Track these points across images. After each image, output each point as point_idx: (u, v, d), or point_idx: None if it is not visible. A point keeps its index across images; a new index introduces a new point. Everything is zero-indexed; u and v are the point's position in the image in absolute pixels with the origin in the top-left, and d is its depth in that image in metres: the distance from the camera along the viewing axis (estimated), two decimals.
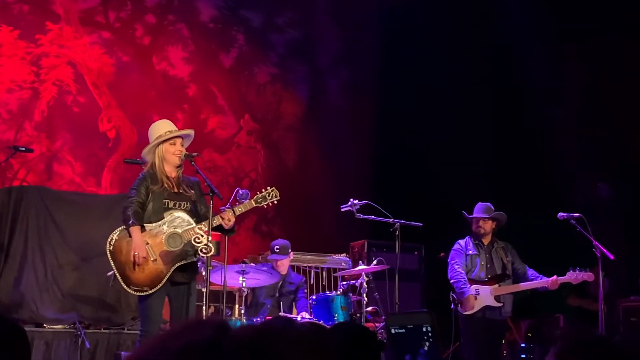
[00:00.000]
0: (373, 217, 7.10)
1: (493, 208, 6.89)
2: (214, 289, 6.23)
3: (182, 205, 5.30)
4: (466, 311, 6.65)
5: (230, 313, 6.30)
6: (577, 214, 6.61)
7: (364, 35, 10.64)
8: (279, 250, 7.07)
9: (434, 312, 6.14)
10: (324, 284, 8.24)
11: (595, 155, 8.83)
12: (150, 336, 4.74)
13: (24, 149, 7.15)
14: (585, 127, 8.93)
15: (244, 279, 6.35)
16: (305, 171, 10.29)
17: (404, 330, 5.74)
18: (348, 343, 2.96)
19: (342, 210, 7.06)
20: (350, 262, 8.30)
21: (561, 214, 6.69)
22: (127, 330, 7.01)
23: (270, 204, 5.53)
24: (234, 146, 10.01)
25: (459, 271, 6.74)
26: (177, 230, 5.21)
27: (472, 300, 6.64)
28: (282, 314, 6.73)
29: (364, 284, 6.71)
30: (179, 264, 5.20)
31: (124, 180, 8.62)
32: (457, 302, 6.71)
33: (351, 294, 6.83)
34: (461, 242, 6.92)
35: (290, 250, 7.19)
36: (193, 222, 5.24)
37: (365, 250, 8.33)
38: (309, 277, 8.17)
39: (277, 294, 7.08)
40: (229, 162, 9.94)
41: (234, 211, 5.32)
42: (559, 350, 1.65)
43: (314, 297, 6.86)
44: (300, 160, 10.39)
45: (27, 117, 8.71)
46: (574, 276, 6.64)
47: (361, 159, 10.24)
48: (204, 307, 5.52)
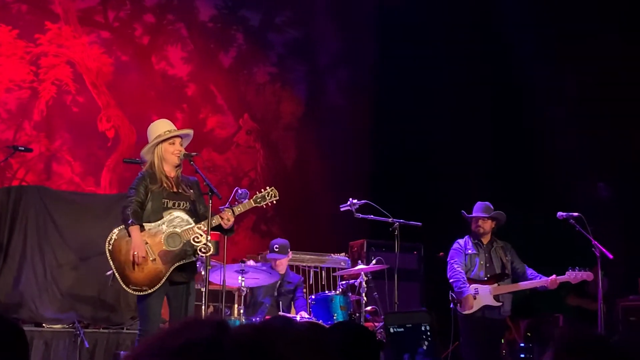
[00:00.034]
0: (372, 216, 7.10)
1: (492, 207, 6.89)
2: (213, 289, 6.22)
3: (181, 205, 5.29)
4: (465, 310, 6.65)
5: (229, 312, 6.31)
6: (577, 214, 6.62)
7: (363, 35, 10.63)
8: (278, 250, 7.07)
9: (433, 311, 6.13)
10: (323, 283, 8.23)
11: (595, 155, 8.82)
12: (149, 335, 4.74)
13: (23, 148, 7.13)
14: (585, 127, 8.91)
15: (243, 279, 6.36)
16: (305, 171, 10.28)
17: (402, 329, 5.72)
18: (347, 342, 2.96)
19: (342, 209, 7.05)
20: (350, 262, 8.30)
21: (560, 213, 6.69)
22: (126, 329, 7.00)
23: (270, 203, 5.52)
24: (233, 146, 10.00)
25: (458, 270, 6.73)
26: (177, 229, 5.21)
27: (472, 299, 6.64)
28: (281, 314, 6.73)
29: (363, 283, 6.70)
30: (178, 263, 5.19)
31: (123, 180, 8.61)
32: (457, 301, 6.70)
33: (350, 294, 6.82)
34: (460, 241, 6.92)
35: (289, 250, 7.19)
36: (192, 222, 5.23)
37: (365, 250, 8.33)
38: (308, 277, 8.17)
39: (276, 294, 7.08)
40: (228, 161, 9.93)
41: (233, 211, 5.31)
42: (557, 350, 1.64)
43: (313, 297, 6.85)
44: (300, 159, 10.38)
45: (26, 117, 8.71)
46: (573, 275, 6.64)
47: (360, 159, 10.23)
48: (203, 307, 5.51)
